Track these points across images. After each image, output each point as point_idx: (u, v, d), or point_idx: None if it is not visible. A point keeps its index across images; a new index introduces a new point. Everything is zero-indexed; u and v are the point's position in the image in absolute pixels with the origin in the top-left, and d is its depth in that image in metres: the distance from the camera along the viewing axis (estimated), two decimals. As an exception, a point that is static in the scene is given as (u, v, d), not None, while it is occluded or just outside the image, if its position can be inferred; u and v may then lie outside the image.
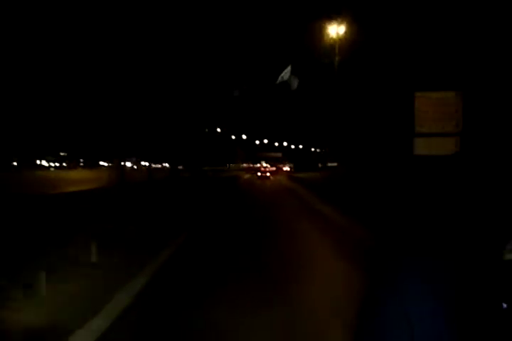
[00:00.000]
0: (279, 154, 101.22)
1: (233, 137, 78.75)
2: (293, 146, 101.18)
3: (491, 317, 0.58)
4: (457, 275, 0.59)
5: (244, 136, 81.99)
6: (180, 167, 41.47)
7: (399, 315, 0.60)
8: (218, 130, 67.43)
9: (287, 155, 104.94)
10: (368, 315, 0.63)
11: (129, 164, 47.42)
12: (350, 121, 21.93)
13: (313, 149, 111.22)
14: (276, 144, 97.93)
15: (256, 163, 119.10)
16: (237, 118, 70.23)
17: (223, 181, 28.63)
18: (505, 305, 0.63)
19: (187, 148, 35.81)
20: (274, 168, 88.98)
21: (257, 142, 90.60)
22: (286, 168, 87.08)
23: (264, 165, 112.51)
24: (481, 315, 0.58)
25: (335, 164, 25.71)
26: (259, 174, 49.69)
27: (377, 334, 0.62)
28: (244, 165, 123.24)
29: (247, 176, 52.76)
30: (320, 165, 51.23)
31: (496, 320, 0.58)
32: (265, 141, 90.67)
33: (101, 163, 47.85)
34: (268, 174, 50.07)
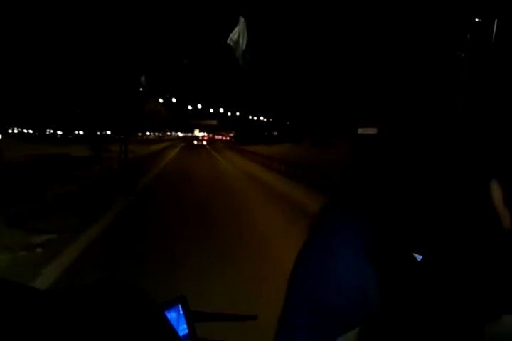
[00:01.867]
0: (215, 122, 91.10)
1: (161, 100, 66.13)
2: (229, 113, 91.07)
3: (407, 268, 0.61)
4: (379, 228, 0.64)
5: (174, 99, 69.63)
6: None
7: (324, 265, 0.66)
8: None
9: (223, 123, 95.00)
10: (299, 266, 0.69)
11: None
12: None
13: (250, 117, 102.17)
14: (212, 110, 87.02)
15: (189, 132, 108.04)
16: (168, 80, 58.18)
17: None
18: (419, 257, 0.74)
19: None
20: (220, 137, 78.73)
21: (190, 107, 79.31)
22: (225, 138, 76.90)
23: (198, 134, 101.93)
24: (399, 267, 0.62)
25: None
26: (195, 142, 50.08)
27: (305, 285, 0.67)
28: (179, 134, 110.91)
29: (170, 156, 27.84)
30: (266, 133, 43.92)
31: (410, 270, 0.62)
32: (199, 106, 79.61)
33: None
34: (205, 143, 50.96)
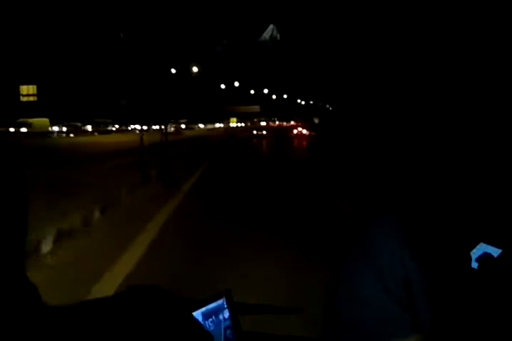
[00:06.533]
0: (257, 107, 68.00)
1: (173, 70, 42.61)
2: (274, 96, 67.50)
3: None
4: (418, 230, 0.77)
5: (195, 69, 44.51)
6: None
7: (370, 266, 0.75)
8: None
9: (267, 110, 71.48)
10: (343, 267, 0.79)
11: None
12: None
13: (299, 101, 77.00)
14: (252, 92, 63.54)
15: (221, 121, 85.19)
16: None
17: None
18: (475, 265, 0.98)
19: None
20: (300, 128, 49.42)
21: (223, 86, 56.50)
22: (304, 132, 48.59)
23: (234, 124, 78.64)
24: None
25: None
26: (254, 132, 48.07)
27: (347, 282, 0.77)
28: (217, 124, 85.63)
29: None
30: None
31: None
32: (236, 84, 56.69)
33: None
34: (265, 132, 48.35)
